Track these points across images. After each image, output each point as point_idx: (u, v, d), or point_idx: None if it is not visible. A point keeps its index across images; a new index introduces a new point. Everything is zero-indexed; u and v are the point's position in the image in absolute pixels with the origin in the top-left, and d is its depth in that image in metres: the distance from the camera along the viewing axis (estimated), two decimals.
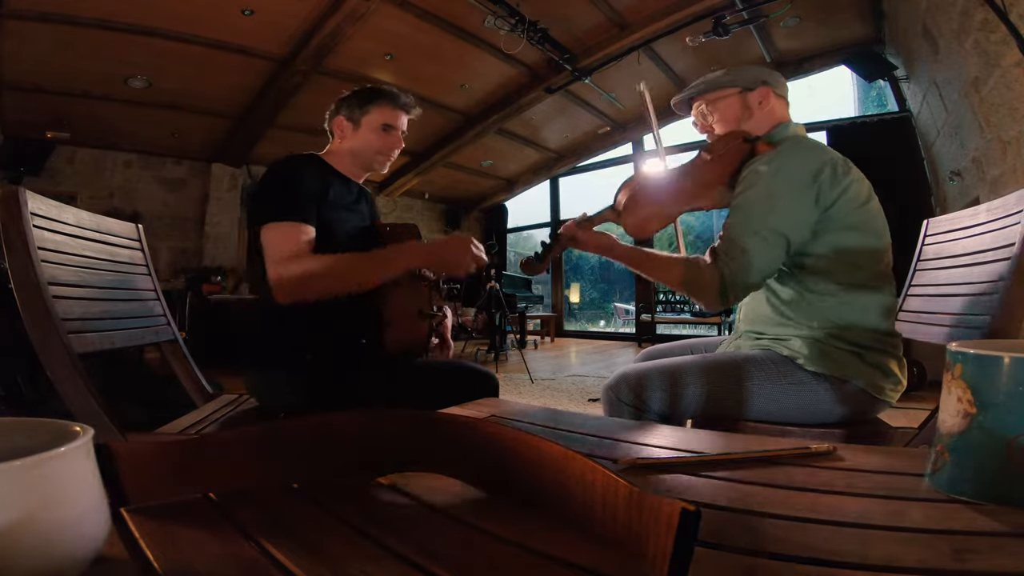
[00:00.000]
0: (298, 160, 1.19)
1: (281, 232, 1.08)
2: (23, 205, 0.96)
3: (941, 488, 0.43)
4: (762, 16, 3.77)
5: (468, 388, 1.13)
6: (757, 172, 1.02)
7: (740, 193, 1.03)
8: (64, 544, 0.28)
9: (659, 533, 0.29)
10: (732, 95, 1.15)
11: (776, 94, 1.14)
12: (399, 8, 4.12)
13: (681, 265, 1.06)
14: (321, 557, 0.34)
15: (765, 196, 1.00)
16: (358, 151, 1.26)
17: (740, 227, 1.00)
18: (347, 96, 1.28)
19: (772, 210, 0.99)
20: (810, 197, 0.98)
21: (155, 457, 0.41)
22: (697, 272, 1.03)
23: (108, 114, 4.86)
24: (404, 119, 1.30)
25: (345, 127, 1.26)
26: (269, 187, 1.13)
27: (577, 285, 10.70)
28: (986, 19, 2.54)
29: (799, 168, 1.00)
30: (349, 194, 1.25)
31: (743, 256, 0.98)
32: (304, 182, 1.13)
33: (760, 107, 1.13)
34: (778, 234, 0.98)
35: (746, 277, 0.99)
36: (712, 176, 1.10)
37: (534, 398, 3.60)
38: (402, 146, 1.30)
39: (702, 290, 1.02)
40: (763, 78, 1.14)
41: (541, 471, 0.39)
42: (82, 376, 0.96)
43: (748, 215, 1.00)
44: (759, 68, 1.17)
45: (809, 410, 1.01)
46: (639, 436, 0.65)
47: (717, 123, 1.17)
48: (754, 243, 0.98)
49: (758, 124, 1.13)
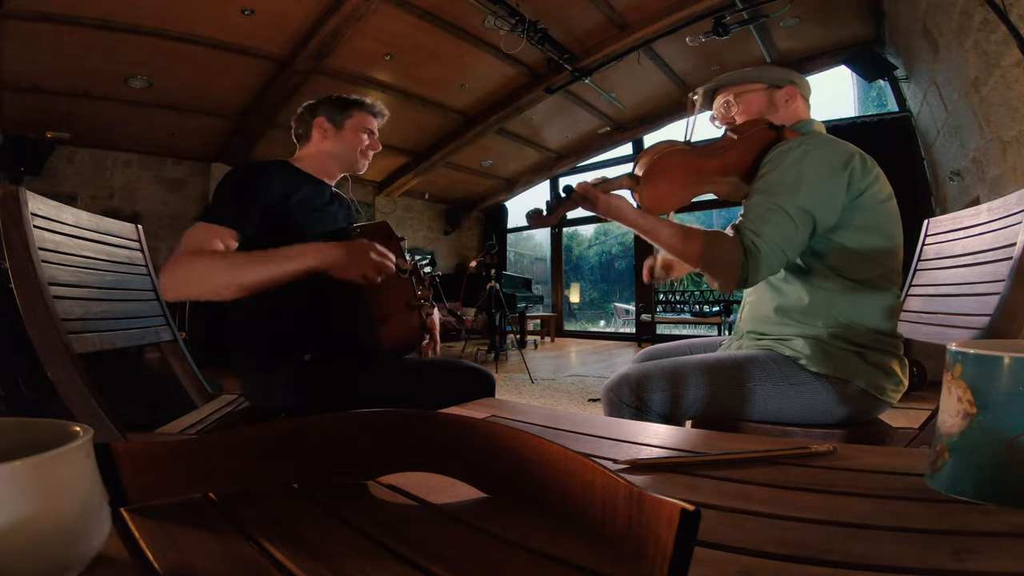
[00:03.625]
0: (260, 166, 1.17)
1: (199, 232, 1.03)
2: (23, 205, 0.96)
3: (941, 488, 0.43)
4: (762, 16, 3.77)
5: (465, 387, 1.13)
6: (784, 154, 1.01)
7: (767, 173, 1.01)
8: (64, 544, 0.28)
9: (659, 533, 0.29)
10: (759, 90, 1.15)
11: (801, 95, 1.15)
12: (399, 8, 4.12)
13: (701, 237, 0.99)
14: (321, 557, 0.34)
15: (795, 177, 0.98)
16: (341, 151, 1.28)
17: (766, 205, 0.97)
18: (319, 102, 1.30)
19: (800, 190, 0.97)
20: (842, 182, 0.97)
21: (155, 457, 0.41)
22: (719, 246, 0.97)
23: (108, 114, 4.86)
24: (377, 125, 1.34)
25: (328, 129, 1.27)
26: (219, 190, 1.11)
27: (577, 285, 10.70)
28: (986, 19, 2.53)
29: (830, 154, 1.00)
30: (320, 196, 1.25)
31: (767, 232, 0.95)
32: (256, 190, 1.11)
33: (786, 104, 1.14)
34: (806, 213, 0.96)
35: (770, 255, 0.95)
36: (735, 157, 1.08)
37: (534, 398, 3.60)
38: (380, 148, 1.34)
39: (722, 268, 0.97)
40: (791, 78, 1.15)
41: (541, 471, 0.39)
42: (82, 376, 0.96)
43: (774, 194, 0.98)
44: (787, 69, 1.18)
45: (810, 410, 1.01)
46: (639, 436, 0.65)
47: (740, 115, 1.16)
48: (779, 219, 0.95)
49: (781, 120, 1.13)
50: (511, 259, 9.38)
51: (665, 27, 4.34)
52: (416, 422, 0.47)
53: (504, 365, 5.19)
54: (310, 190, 1.21)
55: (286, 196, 1.14)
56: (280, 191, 1.14)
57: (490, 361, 5.18)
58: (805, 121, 1.14)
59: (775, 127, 1.09)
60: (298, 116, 1.31)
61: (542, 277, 9.72)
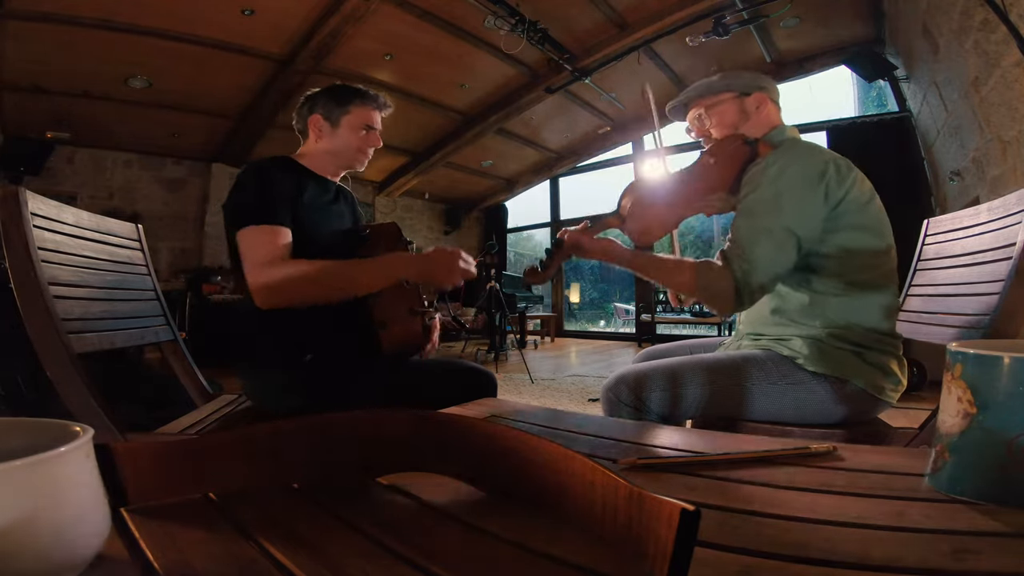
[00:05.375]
0: (269, 163, 1.17)
1: (257, 236, 1.06)
2: (23, 205, 0.96)
3: (941, 488, 0.43)
4: (762, 16, 3.77)
5: (467, 387, 1.13)
6: (762, 173, 1.02)
7: (747, 195, 1.03)
8: (64, 544, 0.28)
9: (659, 533, 0.29)
10: (729, 99, 1.15)
11: (771, 99, 1.15)
12: (399, 8, 4.12)
13: (692, 270, 1.03)
14: (321, 557, 0.34)
15: (773, 196, 0.99)
16: (338, 150, 1.24)
17: (749, 228, 0.99)
18: (317, 94, 1.25)
19: (781, 209, 0.98)
20: (819, 194, 0.98)
21: (155, 457, 0.41)
22: (710, 276, 1.00)
23: (108, 114, 4.86)
24: (379, 118, 1.28)
25: (323, 126, 1.23)
26: (242, 190, 1.11)
27: (577, 285, 10.69)
28: (986, 19, 2.54)
29: (805, 167, 1.00)
30: (326, 194, 1.24)
31: (754, 256, 0.97)
32: (276, 184, 1.11)
33: (757, 112, 1.13)
34: (789, 232, 0.97)
35: (760, 277, 0.97)
36: (715, 179, 1.10)
37: (534, 398, 3.60)
38: (380, 144, 1.29)
39: (716, 295, 1.00)
40: (759, 83, 1.15)
41: (541, 471, 0.39)
42: (82, 376, 0.96)
43: (757, 216, 0.99)
44: (753, 73, 1.17)
45: (809, 410, 1.01)
46: (639, 436, 0.65)
47: (714, 127, 1.16)
48: (765, 242, 0.97)
49: (754, 128, 1.13)
50: (511, 259, 9.37)
51: (665, 27, 4.34)
52: (416, 422, 0.47)
53: (504, 365, 5.19)
54: (315, 188, 1.20)
55: (299, 195, 1.14)
56: (295, 190, 1.14)
57: (490, 361, 5.18)
58: (778, 128, 1.13)
59: (750, 142, 1.09)
60: (297, 110, 1.28)
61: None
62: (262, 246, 1.05)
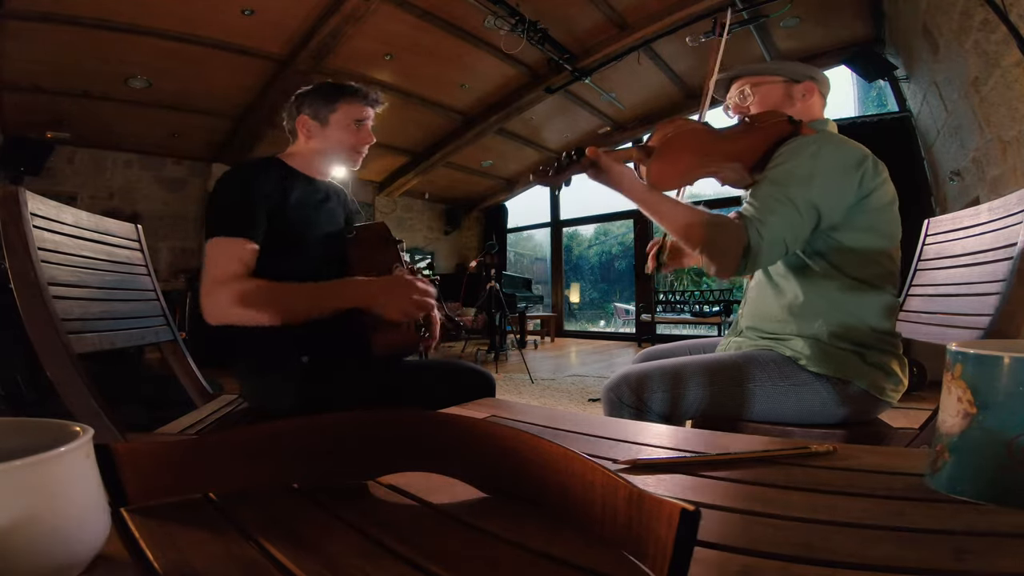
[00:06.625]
0: (253, 165, 1.15)
1: (221, 249, 1.04)
2: (23, 205, 0.96)
3: (941, 488, 0.43)
4: (762, 16, 3.77)
5: (465, 388, 1.13)
6: (799, 148, 1.00)
7: (781, 164, 1.00)
8: (64, 544, 0.28)
9: (659, 533, 0.29)
10: (778, 82, 1.15)
11: (820, 91, 1.15)
12: (399, 8, 4.12)
13: (705, 219, 0.98)
14: (321, 557, 0.34)
15: (809, 171, 0.97)
16: (328, 150, 1.22)
17: (774, 195, 0.97)
18: (307, 92, 1.23)
19: (812, 184, 0.96)
20: (854, 181, 0.98)
21: (155, 457, 0.41)
22: (721, 230, 0.96)
23: (108, 114, 4.86)
24: (372, 113, 1.25)
25: (311, 126, 1.20)
26: (219, 197, 1.10)
27: (577, 285, 10.70)
28: (986, 19, 2.53)
29: (845, 153, 1.00)
30: (315, 193, 1.21)
31: (770, 221, 0.95)
32: (256, 190, 1.09)
33: (803, 100, 1.13)
34: (813, 207, 0.96)
35: (771, 247, 0.95)
36: (748, 144, 1.07)
37: (534, 398, 3.60)
38: (373, 140, 1.25)
39: (722, 254, 0.96)
40: (811, 74, 1.15)
41: (541, 471, 0.39)
42: (82, 376, 0.96)
43: (783, 185, 0.97)
44: (808, 66, 1.18)
45: (811, 411, 1.01)
46: (639, 436, 0.65)
47: (755, 105, 1.16)
48: (784, 210, 0.95)
49: (796, 115, 1.12)
50: (511, 259, 9.37)
51: (665, 27, 4.35)
52: (416, 422, 0.47)
53: (504, 365, 5.19)
54: (304, 188, 1.18)
55: (284, 197, 1.12)
56: (278, 192, 1.12)
57: (490, 361, 5.18)
58: (820, 120, 1.13)
59: (794, 122, 1.08)
60: (286, 111, 1.25)
61: (542, 277, 9.72)
62: (221, 262, 1.03)
